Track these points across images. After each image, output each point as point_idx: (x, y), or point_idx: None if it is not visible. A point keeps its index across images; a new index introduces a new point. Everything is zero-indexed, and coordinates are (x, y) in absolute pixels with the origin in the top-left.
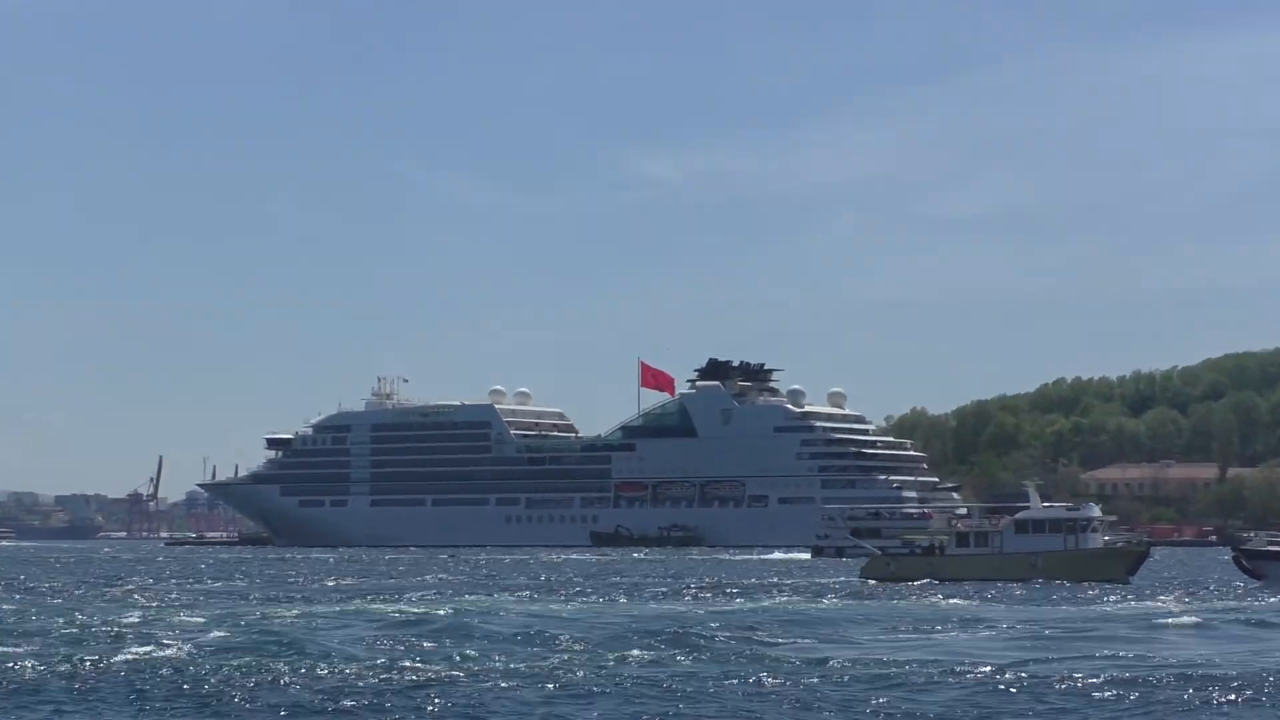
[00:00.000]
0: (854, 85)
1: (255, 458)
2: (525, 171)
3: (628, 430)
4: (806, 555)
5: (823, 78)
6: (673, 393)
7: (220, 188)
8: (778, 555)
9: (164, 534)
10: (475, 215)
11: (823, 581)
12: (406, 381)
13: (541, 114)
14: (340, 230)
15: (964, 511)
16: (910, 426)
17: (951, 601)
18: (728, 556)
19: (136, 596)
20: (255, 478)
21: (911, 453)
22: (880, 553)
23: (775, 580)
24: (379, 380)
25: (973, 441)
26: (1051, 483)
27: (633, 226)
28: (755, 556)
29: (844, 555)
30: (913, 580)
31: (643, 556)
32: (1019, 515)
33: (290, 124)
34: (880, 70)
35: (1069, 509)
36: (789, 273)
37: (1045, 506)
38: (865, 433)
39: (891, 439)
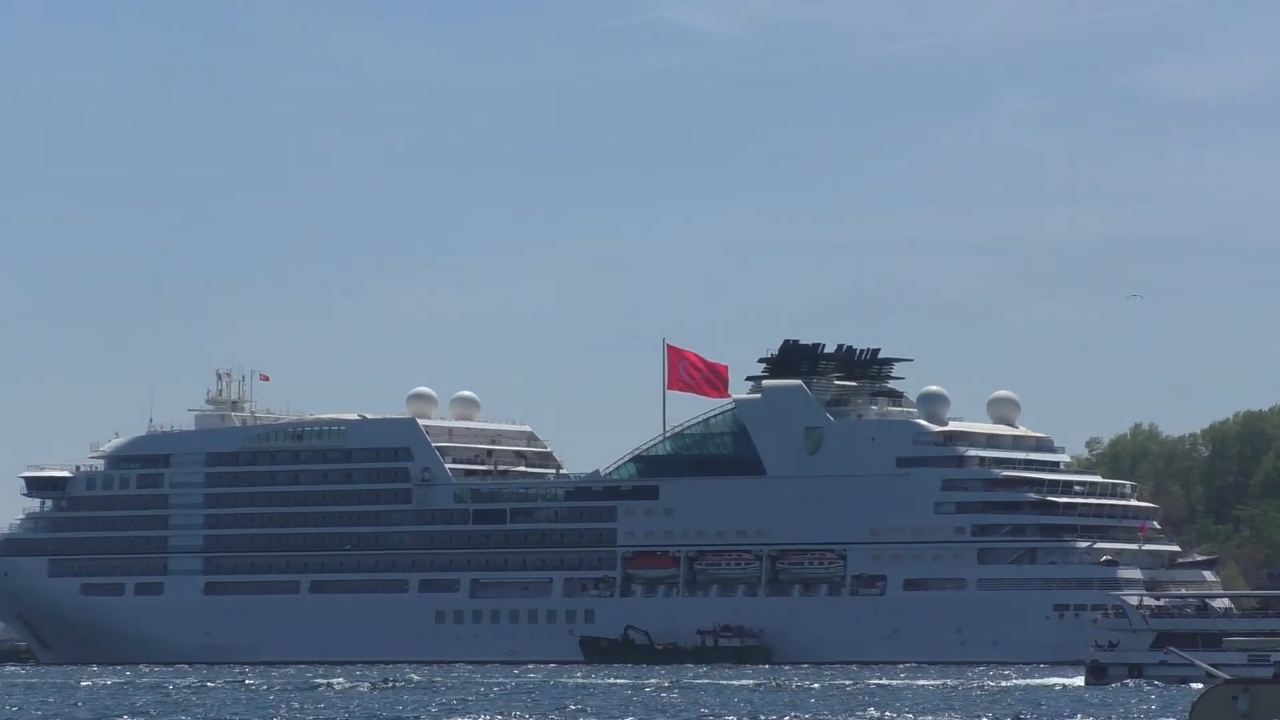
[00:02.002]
0: None
1: (6, 510)
2: (474, 22)
3: (645, 463)
4: (1070, 679)
5: None
6: (724, 394)
7: None
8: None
9: None
10: (386, 92)
11: None
12: (267, 380)
13: None
14: (146, 123)
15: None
16: (1129, 458)
17: None
18: (846, 683)
19: None
20: (5, 544)
21: (1135, 503)
22: (1227, 678)
23: None
24: (219, 378)
25: (1238, 483)
26: None
27: (656, 112)
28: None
29: (1149, 677)
30: None
31: (672, 685)
32: None
33: None
34: None
35: None
36: (918, 193)
37: None
38: (1055, 468)
39: (1098, 478)
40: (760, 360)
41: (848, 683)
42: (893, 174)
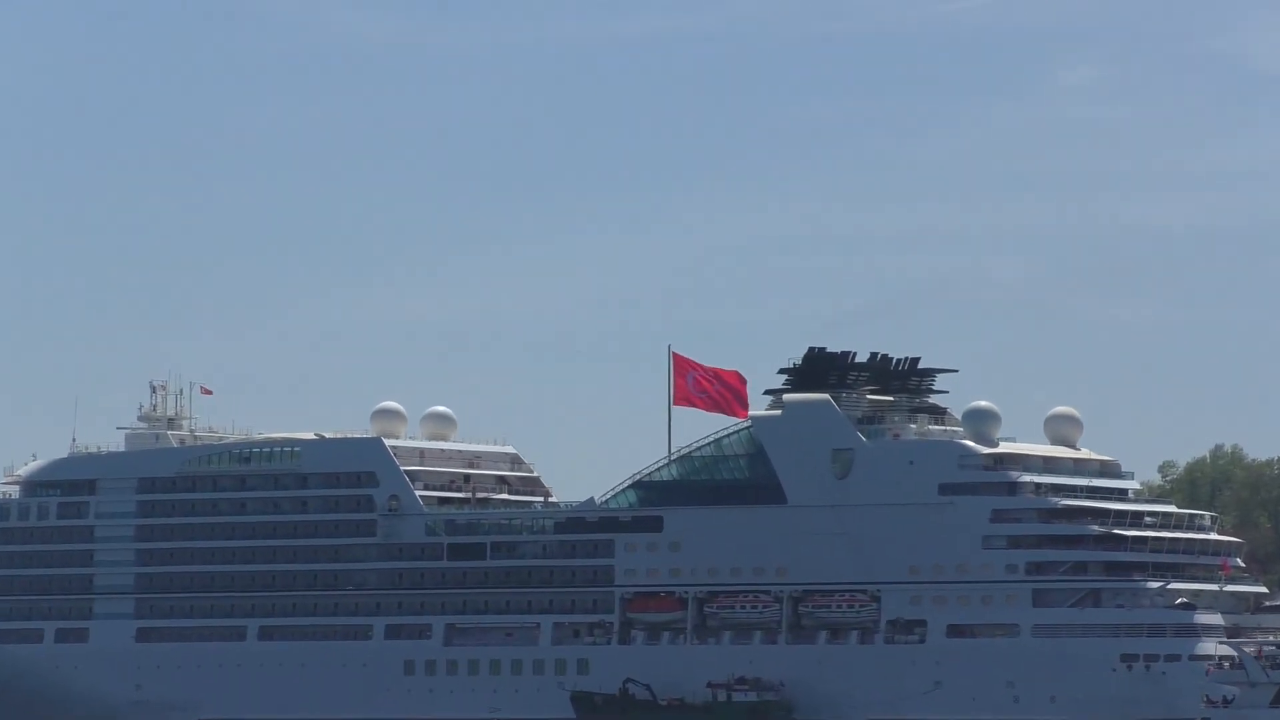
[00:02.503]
0: None
1: None
2: None
3: (647, 490)
4: None
5: None
6: (740, 413)
7: None
8: None
9: None
10: (350, 65)
11: None
12: (209, 394)
13: None
14: (69, 106)
15: None
16: (1209, 485)
17: None
18: None
19: None
20: None
21: (1215, 537)
22: None
23: None
24: (153, 391)
25: None
26: None
27: (658, 85)
28: None
29: None
30: None
31: None
32: None
33: None
34: None
35: None
36: (964, 177)
37: None
38: (1123, 496)
39: (1172, 509)
40: (780, 371)
41: None
42: (935, 156)
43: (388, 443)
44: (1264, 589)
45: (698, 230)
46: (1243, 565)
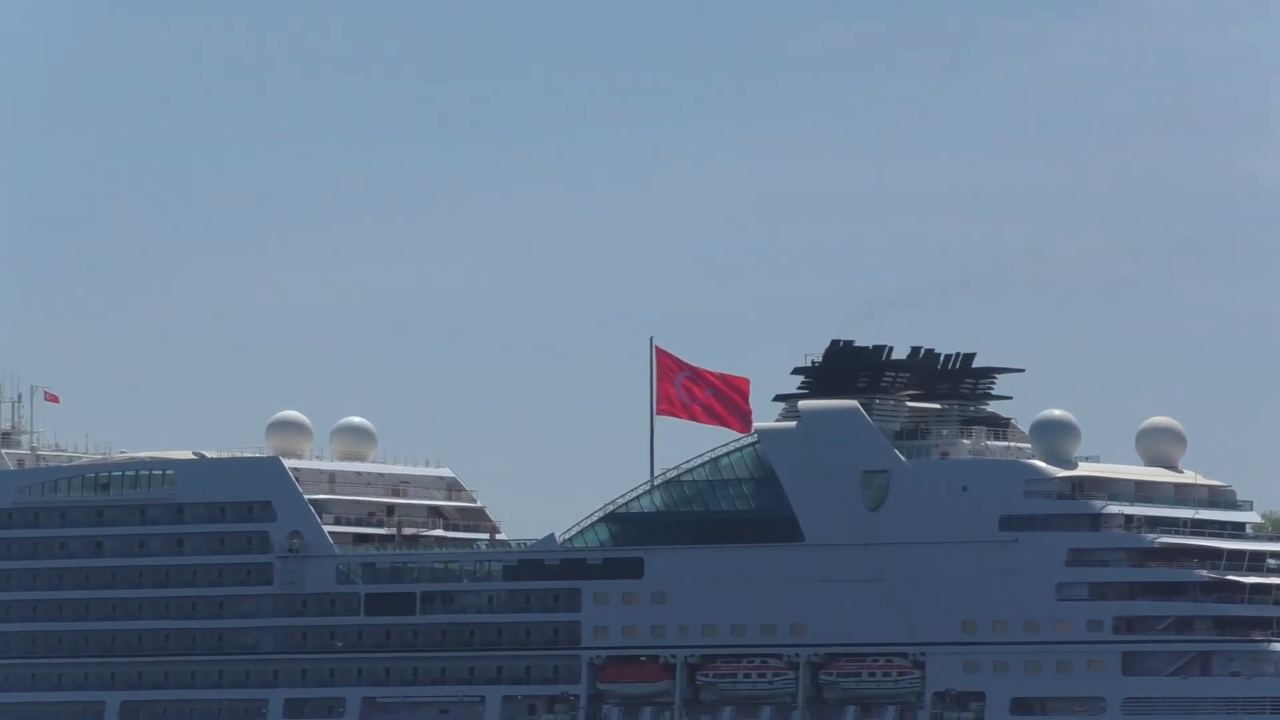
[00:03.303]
0: None
1: None
2: None
3: (623, 524)
4: None
5: None
6: (742, 426)
7: None
8: None
9: None
10: None
11: None
12: (55, 402)
13: None
14: None
15: None
16: None
17: None
18: None
19: None
20: None
21: None
22: None
23: None
24: None
25: None
26: None
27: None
28: None
29: None
30: None
31: None
32: None
33: None
34: None
35: None
36: (1031, 120)
37: None
38: (1238, 532)
39: None
40: (796, 371)
41: None
42: (992, 92)
43: (287, 464)
44: None
45: (687, 187)
46: None
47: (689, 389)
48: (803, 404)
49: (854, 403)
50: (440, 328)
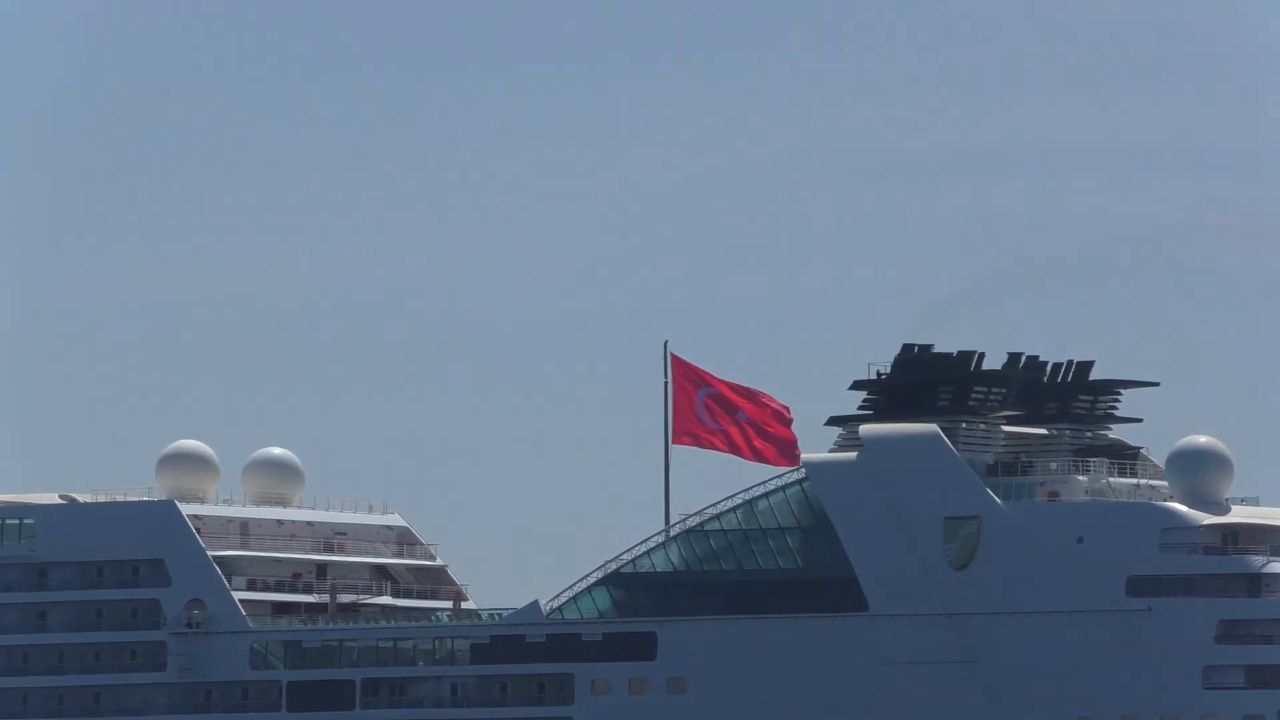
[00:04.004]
0: None
1: None
2: None
3: (629, 588)
4: None
5: None
6: (786, 461)
7: None
8: None
9: None
10: None
11: None
12: None
13: None
14: None
15: None
16: None
17: None
18: None
19: None
20: None
21: None
22: None
23: None
24: None
25: None
26: None
27: None
28: None
29: None
30: None
31: None
32: None
33: None
34: None
35: None
36: (1159, 59)
37: None
38: None
39: None
40: (856, 386)
41: None
42: (1102, 29)
43: (185, 510)
44: None
45: (711, 154)
46: None
47: (714, 410)
48: (865, 429)
49: (933, 427)
50: (386, 331)
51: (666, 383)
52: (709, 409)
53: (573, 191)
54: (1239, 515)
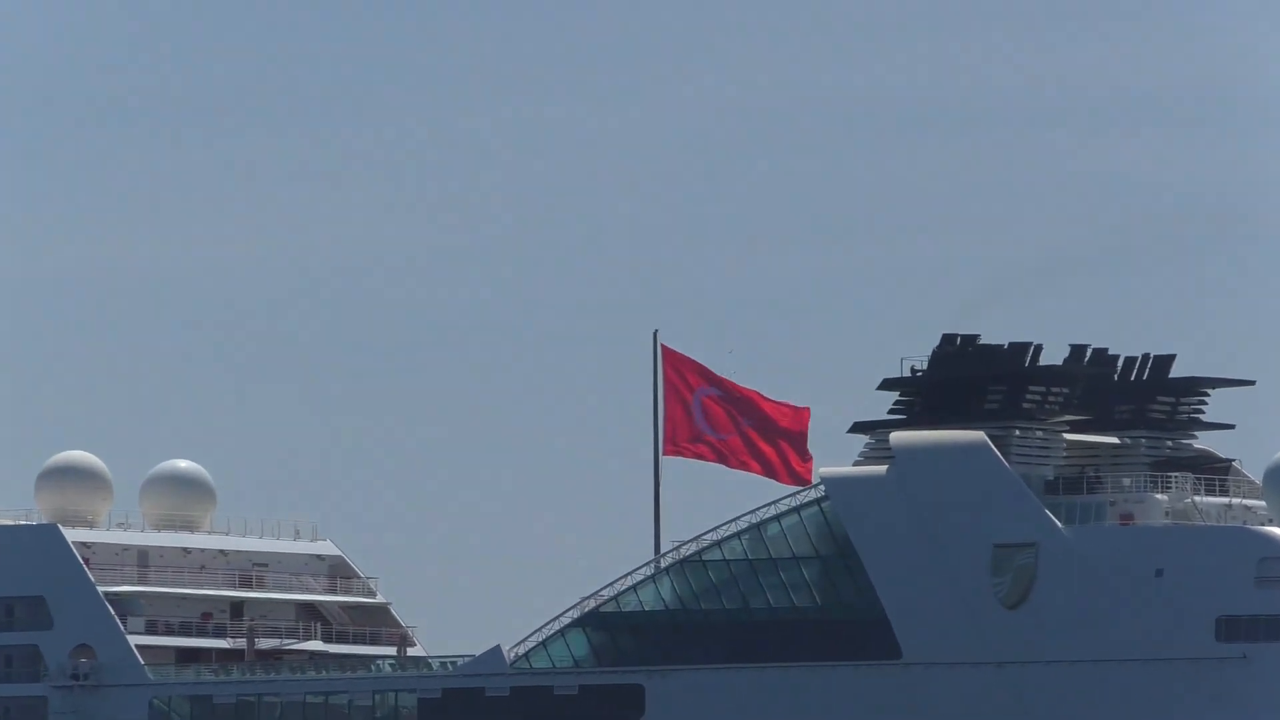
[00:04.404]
0: None
1: None
2: None
3: (611, 630)
4: None
5: None
6: (787, 476)
7: None
8: None
9: None
10: None
11: None
12: None
13: None
14: None
15: None
16: None
17: None
18: None
19: None
20: None
21: None
22: None
23: None
24: None
25: None
26: None
27: None
28: None
29: None
30: None
31: None
32: None
33: None
34: None
35: None
36: None
37: None
38: None
39: None
40: (885, 384)
41: None
42: None
43: (70, 536)
44: None
45: (705, 108)
46: None
47: (714, 414)
48: (897, 437)
49: (980, 434)
50: (317, 322)
51: (656, 381)
52: (708, 413)
53: (540, 155)
54: None
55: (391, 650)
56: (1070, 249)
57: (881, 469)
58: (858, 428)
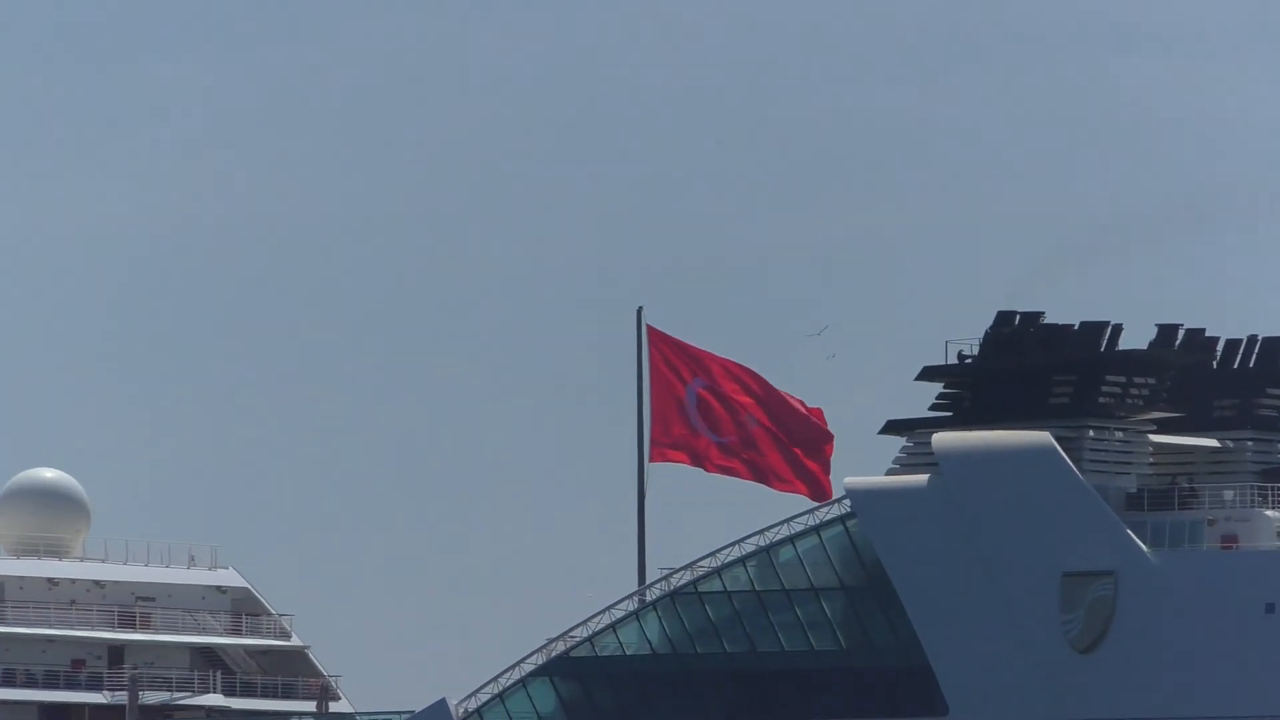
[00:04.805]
0: None
1: None
2: None
3: (584, 678)
4: None
5: None
6: (804, 487)
7: None
8: None
9: None
10: None
11: None
12: None
13: None
14: None
15: None
16: None
17: None
18: None
19: None
20: None
21: None
22: None
23: None
24: None
25: None
26: None
27: None
28: None
29: None
30: None
31: None
32: None
33: None
34: None
35: None
36: None
37: None
38: None
39: None
40: (926, 374)
41: None
42: None
43: None
44: None
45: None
46: None
47: (713, 410)
48: (940, 439)
49: (1045, 436)
50: (214, 299)
51: (640, 369)
52: (705, 408)
53: (513, 99)
54: None
55: (310, 705)
56: (1156, 205)
57: (922, 479)
58: (891, 427)
